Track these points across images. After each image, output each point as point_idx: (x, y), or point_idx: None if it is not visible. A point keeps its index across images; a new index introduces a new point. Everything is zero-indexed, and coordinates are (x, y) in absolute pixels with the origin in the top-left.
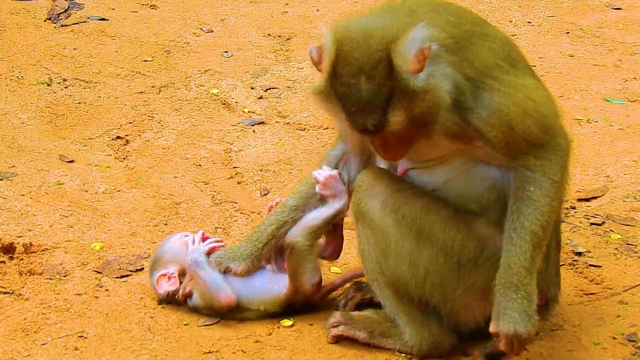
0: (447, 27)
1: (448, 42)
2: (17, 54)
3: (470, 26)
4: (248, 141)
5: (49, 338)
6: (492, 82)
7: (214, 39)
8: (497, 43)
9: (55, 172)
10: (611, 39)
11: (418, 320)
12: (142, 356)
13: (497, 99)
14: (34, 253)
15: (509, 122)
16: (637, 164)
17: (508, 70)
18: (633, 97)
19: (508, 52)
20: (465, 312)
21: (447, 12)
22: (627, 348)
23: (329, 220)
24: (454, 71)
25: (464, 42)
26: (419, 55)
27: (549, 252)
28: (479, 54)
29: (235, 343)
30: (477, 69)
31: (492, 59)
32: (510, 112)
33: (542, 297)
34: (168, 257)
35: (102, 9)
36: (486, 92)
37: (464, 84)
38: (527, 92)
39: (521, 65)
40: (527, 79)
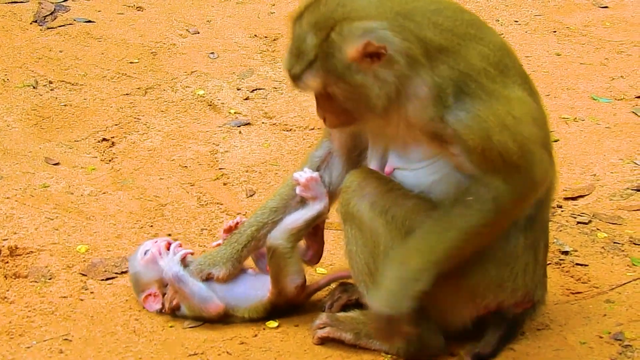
0: (429, 32)
1: (419, 50)
2: (2, 56)
3: (465, 28)
4: (234, 142)
5: (33, 341)
6: (475, 87)
7: (200, 40)
8: (490, 48)
9: (40, 174)
10: (598, 37)
11: None
12: (127, 358)
13: (478, 106)
14: (19, 256)
15: (487, 131)
16: (623, 162)
17: (495, 77)
18: (620, 96)
19: (500, 59)
20: (452, 313)
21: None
22: (614, 347)
23: (310, 222)
24: (429, 75)
25: (453, 44)
26: (359, 47)
27: (537, 254)
28: (467, 57)
29: (220, 345)
30: (462, 71)
31: (480, 63)
32: (488, 121)
33: (529, 300)
34: (146, 278)
35: (88, 11)
36: (469, 96)
37: (444, 84)
38: (510, 107)
39: (512, 74)
40: (514, 90)
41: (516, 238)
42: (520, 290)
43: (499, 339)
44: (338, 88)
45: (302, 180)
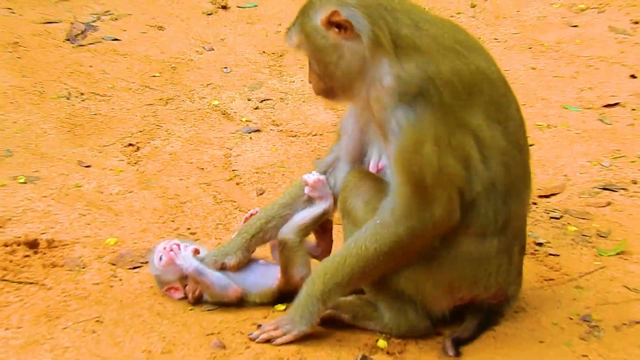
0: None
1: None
2: (39, 71)
3: (452, 43)
4: (245, 147)
5: (69, 322)
6: (434, 95)
7: (215, 57)
8: (469, 68)
9: (74, 176)
10: (569, 53)
11: (396, 307)
12: (152, 338)
13: (427, 115)
14: (55, 248)
15: (422, 140)
16: (591, 164)
17: (459, 95)
18: (588, 105)
19: (475, 81)
20: (434, 303)
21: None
22: (582, 327)
23: (317, 219)
24: (395, 67)
25: (430, 49)
26: (328, 13)
27: (511, 257)
28: (439, 65)
29: (234, 325)
30: (429, 75)
31: (450, 75)
32: (428, 133)
33: (502, 295)
34: (167, 278)
35: (115, 30)
36: (425, 101)
37: (409, 80)
38: (452, 133)
39: (483, 100)
40: (476, 115)
41: (491, 242)
42: (493, 287)
43: (477, 325)
44: (307, 48)
45: (310, 181)
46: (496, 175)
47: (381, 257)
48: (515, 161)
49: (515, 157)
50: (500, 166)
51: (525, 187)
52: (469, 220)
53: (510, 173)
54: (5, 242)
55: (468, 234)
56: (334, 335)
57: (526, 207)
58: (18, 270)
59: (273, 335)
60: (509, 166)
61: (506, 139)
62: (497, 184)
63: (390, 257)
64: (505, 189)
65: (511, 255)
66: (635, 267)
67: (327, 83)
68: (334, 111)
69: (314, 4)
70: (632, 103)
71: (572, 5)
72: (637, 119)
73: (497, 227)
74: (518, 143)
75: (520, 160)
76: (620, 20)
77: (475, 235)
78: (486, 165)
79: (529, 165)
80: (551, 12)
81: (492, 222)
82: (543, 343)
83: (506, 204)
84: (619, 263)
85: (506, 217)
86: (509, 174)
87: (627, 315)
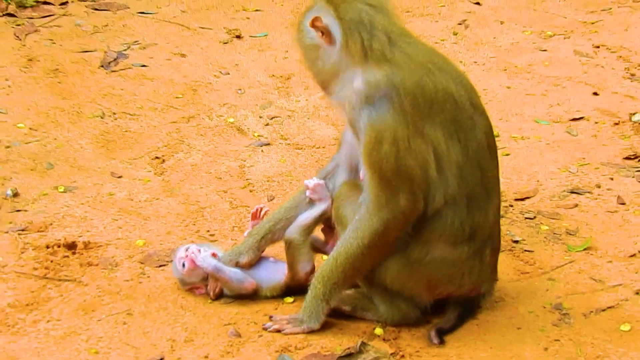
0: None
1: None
2: (76, 93)
3: (425, 61)
4: (257, 159)
5: (103, 315)
6: (397, 102)
7: (230, 80)
8: (436, 86)
9: (107, 185)
10: (539, 74)
11: (388, 300)
12: (176, 328)
13: (389, 115)
14: (91, 249)
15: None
16: (560, 171)
17: (420, 107)
18: (557, 119)
19: (438, 100)
20: (416, 297)
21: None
22: (555, 315)
23: (317, 218)
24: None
25: (400, 63)
26: (313, 17)
27: (483, 258)
28: (405, 77)
29: (249, 316)
30: (394, 84)
31: (414, 88)
32: (387, 131)
33: (477, 290)
34: (188, 279)
35: (143, 58)
36: (389, 105)
37: (376, 85)
38: (413, 137)
39: (444, 118)
40: (434, 129)
41: (462, 248)
42: (467, 285)
43: (457, 316)
44: (299, 44)
45: (310, 185)
46: (452, 187)
47: (364, 250)
48: (473, 178)
49: (474, 174)
50: (456, 179)
51: (488, 202)
52: (440, 230)
53: (468, 188)
54: (47, 244)
55: (441, 241)
56: (336, 324)
57: (492, 217)
58: (58, 269)
59: (284, 327)
60: (466, 182)
61: (465, 156)
62: (456, 196)
63: (372, 249)
64: (466, 201)
65: (482, 258)
66: (600, 261)
67: (315, 77)
68: (335, 126)
69: (312, 7)
70: (595, 117)
71: (542, 32)
72: (599, 131)
73: (464, 235)
74: (479, 163)
75: (481, 178)
76: (584, 45)
77: (447, 242)
78: (441, 176)
79: (492, 183)
80: (523, 38)
81: (460, 230)
82: (520, 329)
83: (470, 214)
84: (586, 258)
85: (472, 226)
86: (466, 188)
87: (593, 304)
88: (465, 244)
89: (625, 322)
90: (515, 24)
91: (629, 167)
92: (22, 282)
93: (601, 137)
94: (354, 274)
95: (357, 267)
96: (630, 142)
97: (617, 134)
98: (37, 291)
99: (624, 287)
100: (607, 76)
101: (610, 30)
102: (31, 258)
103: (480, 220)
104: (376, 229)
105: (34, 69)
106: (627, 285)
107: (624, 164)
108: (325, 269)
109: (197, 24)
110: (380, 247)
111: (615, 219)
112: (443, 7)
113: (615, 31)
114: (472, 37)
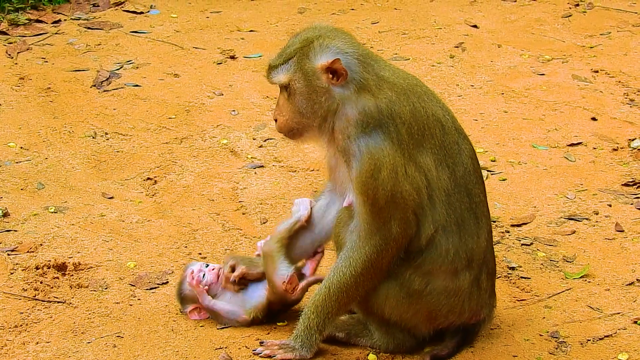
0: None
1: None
2: (68, 113)
3: (414, 87)
4: (251, 181)
5: (93, 338)
6: (393, 131)
7: (224, 101)
8: (427, 112)
9: (98, 206)
10: (537, 98)
11: (384, 328)
12: (167, 351)
13: (386, 144)
14: (81, 270)
15: (380, 165)
16: (558, 197)
17: (413, 134)
18: (554, 144)
19: (428, 126)
20: (416, 329)
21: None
22: (551, 343)
23: (290, 227)
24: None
25: (400, 91)
26: (330, 60)
27: (480, 283)
28: (401, 105)
29: (240, 340)
30: (392, 112)
31: (408, 117)
32: (386, 159)
33: (476, 318)
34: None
35: (136, 77)
36: (384, 134)
37: (372, 114)
38: (408, 165)
39: (434, 144)
40: (425, 155)
41: (464, 275)
42: (466, 313)
43: (455, 344)
44: (298, 87)
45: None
46: (440, 214)
47: (357, 278)
48: (460, 203)
49: (461, 199)
50: (444, 205)
51: (478, 227)
52: (439, 260)
53: (456, 214)
54: (37, 264)
55: (442, 271)
56: (329, 350)
57: (484, 241)
58: (48, 290)
59: (275, 353)
60: (454, 208)
61: (453, 182)
62: (445, 224)
63: (365, 276)
64: (456, 228)
65: (479, 283)
66: (598, 288)
67: (300, 121)
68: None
69: (315, 48)
70: (593, 142)
71: (539, 56)
72: (597, 157)
73: (462, 262)
74: (466, 187)
75: (468, 203)
76: (582, 69)
77: (447, 272)
78: (431, 204)
79: (480, 208)
80: (521, 62)
81: (457, 258)
82: (516, 357)
83: (462, 240)
84: (583, 285)
85: (466, 252)
86: (454, 214)
87: (590, 332)
88: (466, 271)
89: (623, 351)
90: (512, 48)
91: (627, 193)
92: (11, 303)
93: (599, 163)
94: (348, 302)
95: (350, 296)
96: (629, 169)
97: (615, 160)
98: (26, 312)
99: (621, 315)
100: (606, 101)
101: (609, 54)
102: (20, 279)
103: (474, 246)
104: (369, 256)
105: (26, 88)
106: (625, 314)
107: (622, 190)
108: (318, 298)
109: (191, 44)
110: (373, 274)
111: (613, 247)
112: (440, 30)
113: (614, 56)
114: (469, 60)
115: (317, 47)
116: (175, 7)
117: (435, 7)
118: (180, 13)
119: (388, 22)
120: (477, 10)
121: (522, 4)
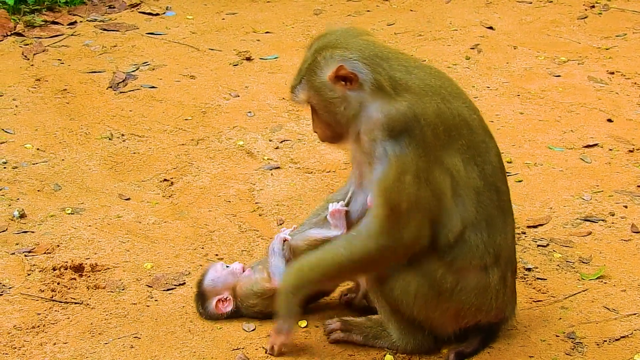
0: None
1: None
2: (85, 114)
3: (438, 87)
4: (267, 182)
5: (110, 338)
6: (418, 134)
7: (240, 102)
8: (452, 112)
9: (115, 207)
10: (553, 99)
11: (405, 328)
12: (184, 352)
13: (411, 149)
14: (98, 271)
15: (405, 170)
16: (574, 198)
17: (439, 135)
18: (570, 146)
19: (455, 125)
20: (441, 328)
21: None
22: (567, 344)
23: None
24: (389, 105)
25: (419, 90)
26: (335, 69)
27: (505, 281)
28: (426, 106)
29: (257, 341)
30: (416, 114)
31: (434, 117)
32: (410, 165)
33: (501, 315)
34: (219, 286)
35: (152, 79)
36: (409, 137)
37: (397, 118)
38: (431, 169)
39: (461, 144)
40: (453, 156)
41: (492, 272)
42: (493, 310)
43: (479, 341)
44: (317, 102)
45: (331, 209)
46: (470, 212)
47: (351, 264)
48: (490, 201)
49: (491, 197)
50: (473, 204)
51: (505, 224)
52: (469, 255)
53: (486, 211)
54: (54, 266)
55: (472, 267)
56: (345, 350)
57: (510, 238)
58: (65, 291)
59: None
60: (485, 205)
61: (483, 180)
62: (475, 221)
63: (358, 266)
64: (485, 224)
65: (506, 280)
66: (614, 289)
67: (334, 130)
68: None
69: (319, 62)
70: (609, 144)
71: (555, 57)
72: (613, 158)
73: (491, 258)
74: (495, 185)
75: (497, 200)
76: (598, 71)
77: (477, 268)
78: (457, 202)
79: (507, 205)
80: (537, 63)
81: (487, 254)
82: (532, 358)
83: (491, 237)
84: (599, 286)
85: (495, 249)
86: (484, 212)
87: (607, 333)
88: (495, 267)
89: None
90: (528, 49)
91: None
92: (28, 304)
93: (615, 164)
94: (331, 280)
95: (337, 276)
96: None
97: (631, 162)
98: (44, 313)
99: (637, 316)
100: (622, 103)
101: (625, 56)
102: (38, 280)
103: (502, 242)
104: (369, 252)
105: (42, 89)
106: None
107: (638, 192)
108: (305, 264)
109: (207, 46)
110: (369, 267)
111: (630, 248)
112: (455, 31)
113: (630, 57)
114: (485, 62)
115: (321, 61)
116: (191, 9)
117: (451, 8)
118: (196, 14)
119: (404, 23)
120: (493, 12)
121: (538, 6)
